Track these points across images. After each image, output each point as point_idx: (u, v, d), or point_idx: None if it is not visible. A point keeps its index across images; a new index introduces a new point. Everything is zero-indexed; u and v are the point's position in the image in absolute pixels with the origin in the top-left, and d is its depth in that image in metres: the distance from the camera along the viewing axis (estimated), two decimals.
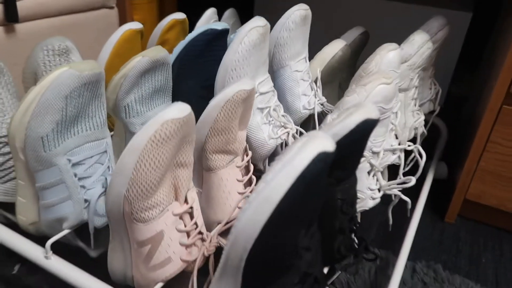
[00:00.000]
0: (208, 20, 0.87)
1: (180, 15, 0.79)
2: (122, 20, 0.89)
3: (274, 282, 0.41)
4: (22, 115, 0.49)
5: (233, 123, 0.54)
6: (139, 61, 0.57)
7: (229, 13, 0.94)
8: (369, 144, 0.60)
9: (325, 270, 0.55)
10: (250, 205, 0.38)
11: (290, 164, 0.37)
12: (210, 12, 0.87)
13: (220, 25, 0.66)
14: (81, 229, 0.58)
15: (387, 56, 0.63)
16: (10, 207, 0.63)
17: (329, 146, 0.38)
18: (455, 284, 0.69)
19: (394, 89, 0.55)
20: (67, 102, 0.49)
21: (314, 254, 0.43)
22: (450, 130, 0.97)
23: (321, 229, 0.47)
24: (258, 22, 0.59)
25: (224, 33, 0.66)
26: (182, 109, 0.44)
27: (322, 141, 0.38)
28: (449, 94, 1.25)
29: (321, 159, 0.37)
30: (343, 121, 0.46)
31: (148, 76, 0.59)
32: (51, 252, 0.53)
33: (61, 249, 0.55)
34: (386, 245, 0.77)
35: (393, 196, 0.65)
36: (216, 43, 0.66)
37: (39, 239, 0.56)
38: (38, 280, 0.64)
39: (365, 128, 0.46)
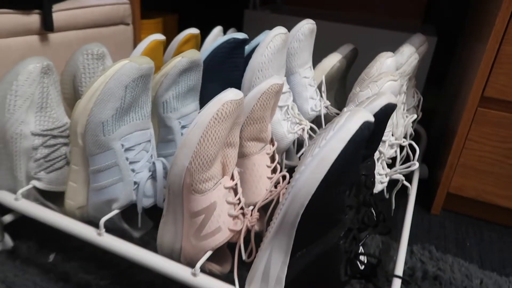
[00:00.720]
0: (216, 37, 0.95)
1: (194, 30, 0.88)
2: (135, 36, 0.96)
3: (323, 236, 0.49)
4: (86, 102, 0.55)
5: (266, 112, 0.62)
6: (179, 61, 0.64)
7: (231, 31, 1.03)
8: None
9: None
10: (307, 166, 0.46)
11: (342, 130, 0.45)
12: (217, 30, 0.96)
13: (240, 35, 0.74)
14: (122, 213, 0.63)
15: (386, 62, 0.74)
16: (51, 196, 0.67)
17: (370, 117, 0.47)
18: (448, 262, 0.78)
19: (399, 85, 0.66)
20: (126, 91, 0.55)
21: (354, 213, 0.51)
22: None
23: None
24: (280, 30, 0.69)
25: (244, 42, 0.75)
26: (237, 93, 0.52)
27: (365, 113, 0.47)
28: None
29: (366, 127, 0.46)
30: (368, 106, 0.55)
31: (185, 76, 0.66)
32: (104, 229, 0.57)
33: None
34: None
35: (385, 191, 0.75)
36: (236, 51, 0.75)
37: None
38: (73, 267, 0.68)
39: (387, 111, 0.55)
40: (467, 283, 0.73)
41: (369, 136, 0.47)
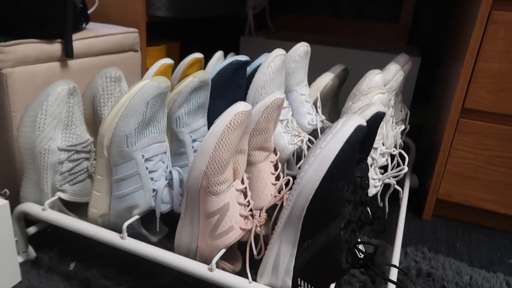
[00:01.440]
0: (218, 60, 1.03)
1: (199, 55, 0.95)
2: (142, 61, 1.04)
3: (325, 227, 0.55)
4: (112, 118, 0.62)
5: (270, 124, 0.69)
6: (191, 80, 0.71)
7: (231, 55, 1.12)
8: None
9: None
10: (311, 165, 0.53)
11: (339, 133, 0.52)
12: (219, 54, 1.04)
13: (243, 57, 0.82)
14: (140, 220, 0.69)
15: (374, 78, 0.82)
16: (72, 207, 0.73)
17: (363, 121, 0.54)
18: (440, 261, 0.84)
19: (387, 98, 0.73)
20: (147, 107, 0.62)
21: (352, 207, 0.57)
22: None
23: None
24: (280, 51, 0.77)
25: (246, 64, 0.83)
26: (246, 105, 0.59)
27: (358, 118, 0.54)
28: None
29: (359, 130, 0.53)
30: (361, 114, 0.62)
31: (195, 94, 0.73)
32: (126, 233, 0.63)
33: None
34: (379, 236, 0.92)
35: (378, 199, 0.82)
36: (239, 72, 0.83)
37: None
38: (93, 274, 0.73)
39: (377, 118, 0.63)
40: (458, 279, 0.80)
41: (362, 138, 0.55)
